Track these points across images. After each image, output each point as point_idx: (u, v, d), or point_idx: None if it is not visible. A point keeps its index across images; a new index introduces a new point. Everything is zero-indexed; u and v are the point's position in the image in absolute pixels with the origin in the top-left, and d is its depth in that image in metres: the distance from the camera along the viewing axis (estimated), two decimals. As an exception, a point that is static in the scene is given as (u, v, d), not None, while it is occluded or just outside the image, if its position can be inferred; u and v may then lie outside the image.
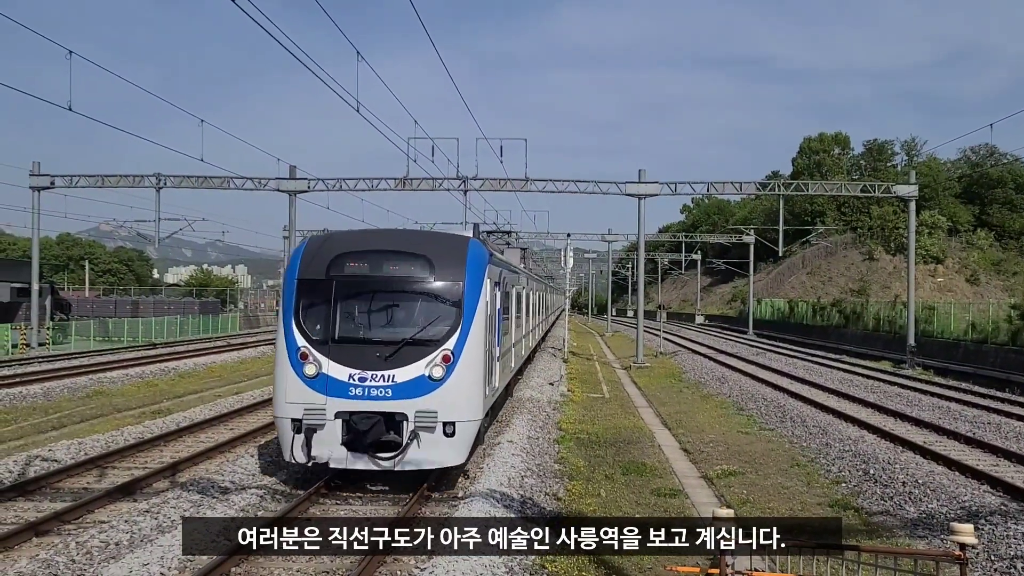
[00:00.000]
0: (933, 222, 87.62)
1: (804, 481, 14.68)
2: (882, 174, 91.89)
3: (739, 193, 48.55)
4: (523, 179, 40.14)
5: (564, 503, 12.55)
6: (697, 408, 23.91)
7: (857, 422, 20.69)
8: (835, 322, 62.28)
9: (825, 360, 41.83)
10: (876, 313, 55.93)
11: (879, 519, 12.33)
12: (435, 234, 17.67)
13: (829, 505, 13.02)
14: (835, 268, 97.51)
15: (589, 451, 16.85)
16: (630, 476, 14.64)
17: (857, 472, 15.22)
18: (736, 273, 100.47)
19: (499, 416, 20.32)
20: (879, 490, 13.91)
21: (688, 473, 15.23)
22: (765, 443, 18.29)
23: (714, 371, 34.87)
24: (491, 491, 12.31)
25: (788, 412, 22.38)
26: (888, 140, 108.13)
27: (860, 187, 46.98)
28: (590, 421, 20.75)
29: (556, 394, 25.57)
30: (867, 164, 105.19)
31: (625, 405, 24.51)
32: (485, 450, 16.05)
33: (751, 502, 13.08)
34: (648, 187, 39.71)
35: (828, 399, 25.36)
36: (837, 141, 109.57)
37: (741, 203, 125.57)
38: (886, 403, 24.50)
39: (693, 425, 20.60)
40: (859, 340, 53.20)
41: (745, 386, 28.83)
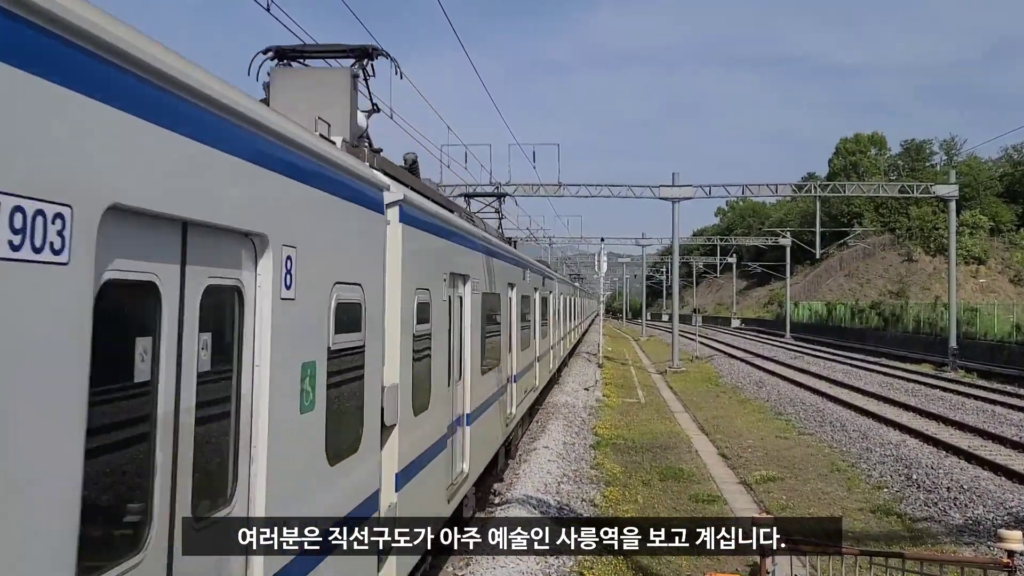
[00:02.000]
0: (974, 222, 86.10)
1: (845, 486, 14.47)
2: (920, 174, 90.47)
3: (774, 195, 48.13)
4: (556, 184, 40.13)
5: (601, 509, 12.50)
6: (734, 413, 23.69)
7: (898, 426, 20.36)
8: (874, 325, 61.42)
9: (864, 363, 41.22)
10: (916, 315, 55.07)
11: (923, 525, 12.12)
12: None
13: (871, 511, 12.83)
14: (873, 270, 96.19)
15: (626, 457, 16.77)
16: (667, 482, 14.54)
17: (899, 477, 14.97)
18: (772, 276, 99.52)
19: (535, 420, 20.29)
20: (922, 496, 13.67)
21: (726, 479, 15.08)
22: (804, 448, 18.06)
23: (751, 375, 34.54)
24: (527, 497, 12.30)
25: (827, 416, 22.09)
26: (926, 140, 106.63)
27: (898, 187, 46.32)
28: (626, 426, 20.64)
29: (591, 399, 25.50)
30: (905, 164, 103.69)
31: (661, 410, 24.35)
32: (521, 456, 16.05)
33: (791, 508, 12.92)
34: (682, 190, 39.48)
35: (868, 403, 24.98)
36: (873, 141, 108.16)
37: (777, 205, 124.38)
38: (928, 406, 24.07)
39: (731, 430, 20.41)
40: (899, 343, 52.39)
41: (783, 390, 28.51)
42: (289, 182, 4.43)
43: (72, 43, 2.62)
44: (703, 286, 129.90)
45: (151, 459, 3.20)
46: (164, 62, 3.12)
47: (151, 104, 3.05)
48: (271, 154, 4.17)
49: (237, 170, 3.79)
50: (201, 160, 3.44)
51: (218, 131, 3.57)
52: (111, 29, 2.80)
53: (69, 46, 2.61)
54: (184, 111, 3.29)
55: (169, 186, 3.21)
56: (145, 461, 3.18)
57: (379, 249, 6.29)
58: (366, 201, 5.89)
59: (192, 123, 3.34)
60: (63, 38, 2.57)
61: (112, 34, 2.79)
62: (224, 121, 3.64)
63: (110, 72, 2.82)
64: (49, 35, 2.51)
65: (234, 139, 3.72)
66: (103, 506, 2.95)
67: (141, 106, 2.99)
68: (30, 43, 2.43)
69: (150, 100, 3.05)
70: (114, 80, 2.84)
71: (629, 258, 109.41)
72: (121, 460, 3.10)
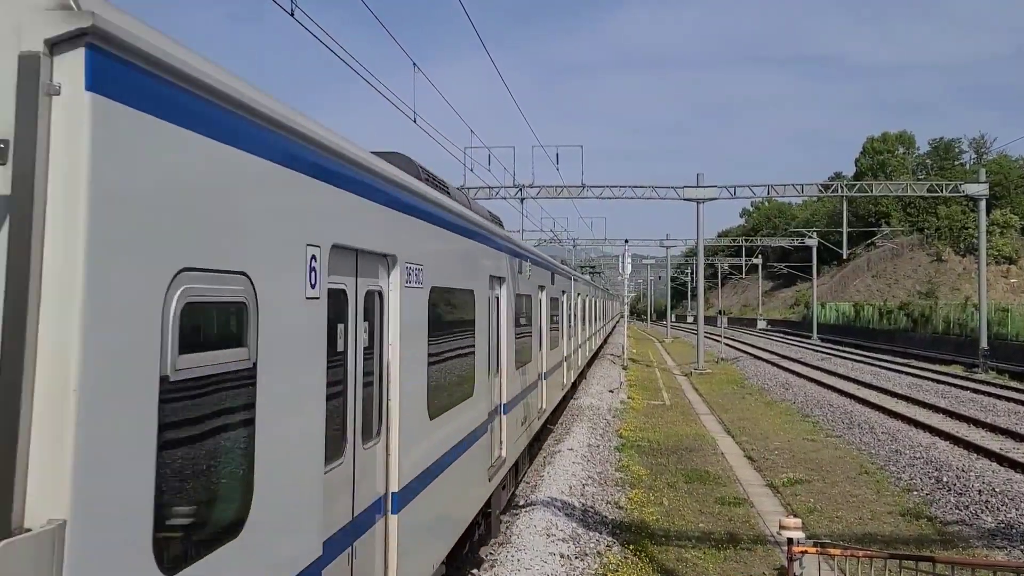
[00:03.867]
0: (1005, 221, 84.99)
1: (873, 489, 14.30)
2: (949, 173, 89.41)
3: (800, 195, 47.66)
4: (579, 186, 40.07)
5: (626, 512, 12.44)
6: (760, 415, 23.50)
7: (928, 428, 20.09)
8: (902, 326, 60.73)
9: (893, 365, 40.75)
10: (946, 316, 54.40)
11: (954, 529, 11.93)
12: None
13: (900, 514, 12.66)
14: (901, 270, 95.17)
15: (651, 459, 16.68)
16: (693, 484, 14.44)
17: (929, 480, 14.76)
18: (798, 277, 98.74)
19: (559, 423, 20.24)
20: (953, 499, 13.47)
21: (752, 481, 14.96)
22: (832, 450, 17.87)
23: (777, 377, 34.26)
24: (552, 499, 12.26)
25: (855, 418, 21.85)
26: (955, 138, 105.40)
27: (927, 187, 45.77)
28: (651, 428, 20.54)
29: (616, 401, 25.40)
30: (933, 163, 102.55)
31: (686, 412, 24.21)
32: (546, 458, 16.01)
33: (818, 511, 12.79)
34: (706, 191, 39.25)
35: (897, 404, 24.68)
36: (901, 140, 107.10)
37: (803, 205, 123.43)
38: (958, 408, 23.74)
39: (757, 432, 20.24)
40: (928, 344, 51.75)
41: (810, 392, 28.24)
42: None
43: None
44: (728, 287, 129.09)
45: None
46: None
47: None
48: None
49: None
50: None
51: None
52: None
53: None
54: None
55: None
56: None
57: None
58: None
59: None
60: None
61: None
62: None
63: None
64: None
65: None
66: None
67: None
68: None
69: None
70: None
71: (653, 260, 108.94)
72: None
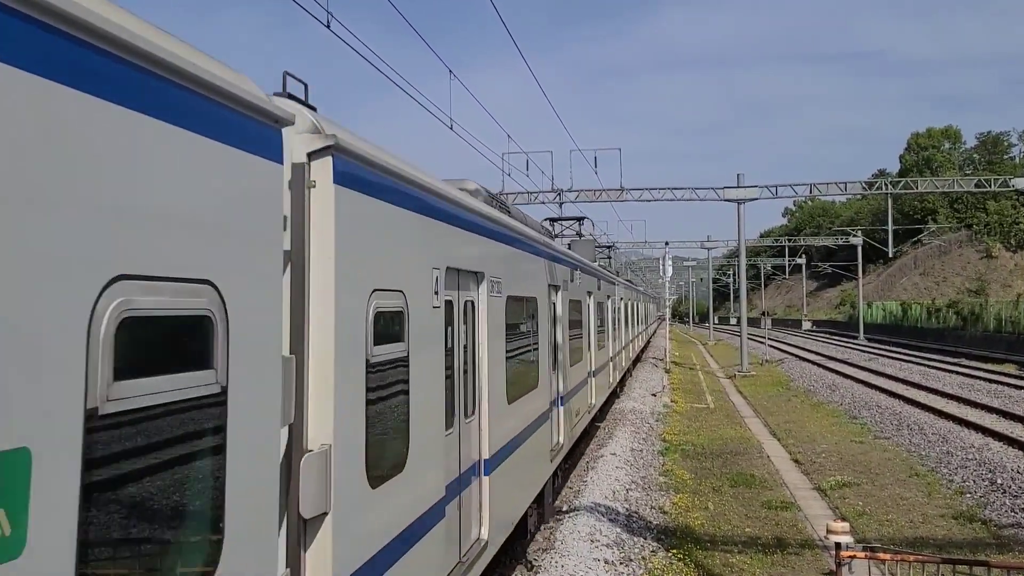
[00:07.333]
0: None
1: (924, 492, 14.02)
2: (998, 167, 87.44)
3: (844, 193, 46.95)
4: (618, 188, 39.95)
5: (671, 516, 12.35)
6: (807, 417, 23.17)
7: (981, 429, 19.63)
8: (952, 324, 59.48)
9: (942, 364, 39.90)
10: (997, 313, 53.14)
11: (1009, 532, 11.65)
12: None
13: (952, 517, 12.39)
14: (950, 268, 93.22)
15: (695, 463, 16.54)
16: (739, 488, 14.29)
17: (983, 482, 14.43)
18: (843, 276, 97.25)
19: (601, 427, 20.17)
20: (1008, 501, 13.14)
21: (799, 484, 14.75)
22: (881, 452, 17.56)
23: (823, 378, 33.74)
24: (596, 504, 12.22)
25: (904, 419, 21.44)
26: (1004, 131, 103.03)
27: (974, 182, 44.82)
28: (695, 432, 20.37)
29: (659, 405, 25.24)
30: (981, 157, 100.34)
31: (731, 415, 23.97)
32: (588, 463, 15.96)
33: (867, 514, 12.58)
34: (747, 191, 38.85)
35: (947, 405, 24.16)
36: (947, 135, 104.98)
37: (847, 204, 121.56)
38: (1013, 408, 23.15)
39: (803, 435, 19.97)
40: (979, 342, 50.61)
41: (857, 393, 27.77)
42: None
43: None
44: (771, 288, 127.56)
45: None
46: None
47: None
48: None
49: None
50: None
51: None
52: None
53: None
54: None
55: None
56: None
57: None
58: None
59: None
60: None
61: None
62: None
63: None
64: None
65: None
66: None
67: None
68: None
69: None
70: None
71: (695, 261, 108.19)
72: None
